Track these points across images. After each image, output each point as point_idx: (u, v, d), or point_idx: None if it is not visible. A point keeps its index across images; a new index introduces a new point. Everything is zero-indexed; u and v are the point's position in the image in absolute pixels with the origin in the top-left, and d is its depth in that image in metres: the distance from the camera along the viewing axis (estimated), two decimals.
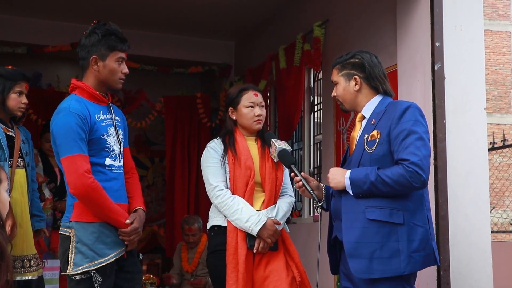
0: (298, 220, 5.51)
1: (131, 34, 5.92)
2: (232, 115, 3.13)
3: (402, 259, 2.45)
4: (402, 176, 2.43)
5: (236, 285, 2.87)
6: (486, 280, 3.43)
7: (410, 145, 2.45)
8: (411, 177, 2.42)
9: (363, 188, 2.50)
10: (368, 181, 2.48)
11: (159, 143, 7.91)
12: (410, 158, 2.43)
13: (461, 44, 3.58)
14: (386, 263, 2.46)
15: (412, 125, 2.49)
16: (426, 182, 2.47)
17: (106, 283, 2.61)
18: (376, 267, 2.47)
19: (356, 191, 2.54)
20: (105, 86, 2.76)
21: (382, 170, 2.48)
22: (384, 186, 2.46)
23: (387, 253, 2.46)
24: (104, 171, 2.68)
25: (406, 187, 2.45)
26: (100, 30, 2.70)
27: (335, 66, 2.75)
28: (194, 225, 5.34)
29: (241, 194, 2.98)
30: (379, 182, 2.46)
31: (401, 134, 2.48)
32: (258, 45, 6.48)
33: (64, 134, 2.58)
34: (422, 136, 2.48)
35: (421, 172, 2.43)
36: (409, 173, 2.42)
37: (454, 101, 3.51)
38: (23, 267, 3.31)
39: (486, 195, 3.54)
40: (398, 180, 2.43)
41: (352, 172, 2.55)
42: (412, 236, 2.48)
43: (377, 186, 2.47)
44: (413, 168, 2.42)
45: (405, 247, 2.46)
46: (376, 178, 2.46)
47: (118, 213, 2.65)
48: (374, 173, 2.47)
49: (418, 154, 2.44)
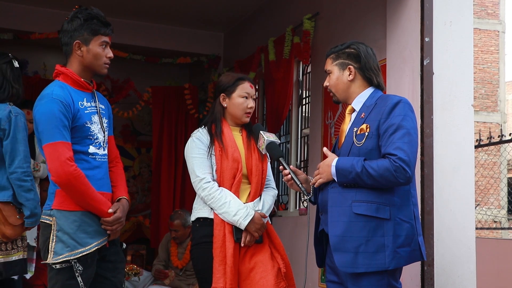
0: (284, 213, 5.51)
1: (119, 23, 5.89)
2: (223, 102, 3.08)
3: (387, 254, 2.45)
4: (387, 170, 2.42)
5: (223, 278, 2.85)
6: (469, 276, 3.45)
7: (398, 140, 2.45)
8: (397, 172, 2.42)
9: (348, 177, 2.50)
10: (354, 172, 2.48)
11: (146, 133, 7.87)
12: (397, 153, 2.43)
13: (450, 40, 3.57)
14: (371, 257, 2.46)
15: (401, 120, 2.49)
16: (411, 178, 2.47)
17: (87, 273, 2.58)
18: (361, 262, 2.47)
19: (341, 180, 2.53)
20: (90, 72, 2.71)
21: (368, 162, 2.48)
22: (369, 178, 2.45)
23: (373, 247, 2.46)
24: (87, 159, 2.64)
25: (391, 181, 2.45)
26: (82, 14, 2.66)
27: (330, 56, 2.73)
28: (175, 221, 5.22)
29: (228, 186, 2.95)
30: (364, 174, 2.46)
31: (390, 129, 2.48)
32: (247, 37, 6.45)
33: (46, 121, 2.54)
34: (410, 132, 2.48)
35: (407, 168, 2.42)
36: (395, 168, 2.42)
37: (442, 96, 3.51)
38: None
39: (472, 191, 3.56)
40: (384, 174, 2.43)
41: (339, 160, 2.55)
42: (398, 232, 2.48)
43: (362, 178, 2.47)
44: (399, 163, 2.42)
45: (391, 242, 2.46)
46: (361, 170, 2.46)
47: (100, 202, 2.62)
48: (360, 164, 2.47)
49: (405, 150, 2.43)
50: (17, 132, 3.27)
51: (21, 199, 3.26)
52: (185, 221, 5.22)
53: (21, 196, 3.26)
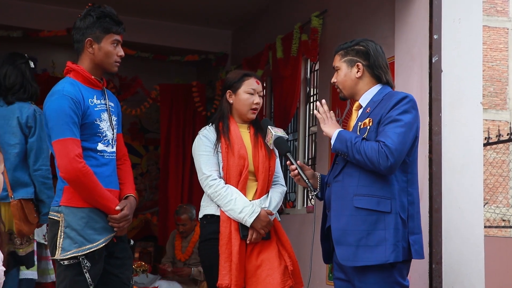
0: (291, 211, 5.51)
1: (128, 20, 5.86)
2: (229, 98, 3.09)
3: (387, 247, 2.46)
4: (374, 150, 2.46)
5: (229, 275, 2.86)
6: (477, 274, 3.43)
7: (390, 130, 2.48)
8: (381, 157, 2.44)
9: (342, 146, 2.55)
10: (349, 142, 2.52)
11: (153, 131, 7.88)
12: (385, 140, 2.46)
13: (459, 38, 3.56)
14: (372, 251, 2.47)
15: (399, 114, 2.51)
16: (393, 168, 2.48)
17: (95, 269, 2.59)
18: (362, 255, 2.48)
19: (336, 145, 2.58)
20: (100, 70, 2.73)
21: (365, 141, 2.51)
22: (358, 153, 2.50)
23: (374, 241, 2.47)
24: (96, 156, 2.65)
25: (374, 164, 2.47)
26: (95, 12, 2.68)
27: (338, 52, 2.73)
28: (183, 215, 5.32)
29: (234, 183, 2.95)
30: (356, 148, 2.50)
31: (386, 120, 2.51)
32: (255, 34, 6.44)
33: (56, 117, 2.55)
34: (404, 125, 2.49)
35: (390, 156, 2.44)
36: (379, 153, 2.45)
37: (450, 94, 3.49)
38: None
39: (480, 189, 3.54)
40: (370, 154, 2.46)
41: (344, 130, 2.61)
42: (398, 225, 2.49)
43: (353, 151, 2.51)
44: (384, 150, 2.44)
45: (392, 235, 2.47)
46: (356, 143, 2.51)
47: (108, 199, 2.63)
48: (359, 140, 2.52)
49: (393, 139, 2.46)
50: (41, 130, 3.39)
51: (42, 196, 3.35)
52: (191, 214, 5.34)
53: (43, 193, 3.35)
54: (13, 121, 3.40)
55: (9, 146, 3.37)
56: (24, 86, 3.50)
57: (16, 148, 3.38)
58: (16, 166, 3.38)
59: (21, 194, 3.36)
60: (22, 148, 3.40)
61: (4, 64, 3.54)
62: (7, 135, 3.39)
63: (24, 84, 3.47)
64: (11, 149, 3.37)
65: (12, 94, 3.47)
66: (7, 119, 3.42)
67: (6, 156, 3.28)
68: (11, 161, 3.35)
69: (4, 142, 3.36)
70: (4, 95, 3.49)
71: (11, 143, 3.38)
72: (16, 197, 3.34)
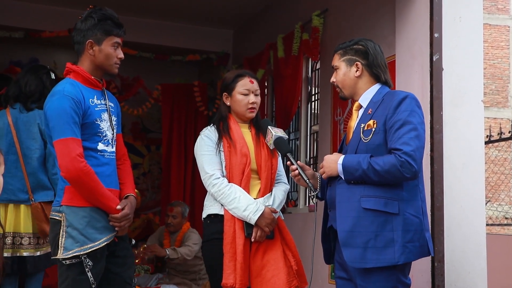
0: (293, 210, 5.51)
1: (129, 20, 5.90)
2: (226, 101, 3.09)
3: (396, 249, 2.45)
4: (393, 166, 2.42)
5: (234, 274, 2.85)
6: (480, 272, 3.43)
7: (404, 135, 2.44)
8: (403, 167, 2.41)
9: (355, 175, 2.50)
10: (360, 169, 2.48)
11: (155, 131, 7.89)
12: (403, 148, 2.42)
13: (460, 36, 3.56)
14: (380, 252, 2.45)
15: (408, 115, 2.48)
16: (417, 173, 2.46)
17: (97, 268, 2.60)
18: (370, 257, 2.46)
19: (348, 178, 2.53)
20: (100, 71, 2.74)
21: (374, 159, 2.47)
22: (375, 175, 2.45)
23: (382, 242, 2.46)
24: (96, 156, 2.66)
25: (397, 177, 2.44)
26: (97, 14, 2.69)
27: (337, 51, 2.73)
28: (176, 207, 5.32)
29: (237, 182, 2.95)
30: (371, 171, 2.45)
31: (396, 124, 2.48)
32: (256, 34, 6.45)
33: (57, 117, 2.56)
34: (416, 127, 2.47)
35: (413, 163, 2.42)
36: (400, 163, 2.41)
37: (451, 92, 3.50)
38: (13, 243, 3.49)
39: (482, 187, 3.54)
40: (390, 170, 2.43)
41: (345, 158, 2.55)
42: (407, 226, 2.47)
43: (368, 175, 2.46)
44: (405, 158, 2.41)
45: (400, 236, 2.45)
46: (368, 167, 2.46)
47: (109, 199, 2.64)
48: (367, 161, 2.47)
49: (411, 144, 2.43)
50: None
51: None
52: (184, 210, 5.34)
53: None
54: (34, 127, 3.57)
55: (30, 151, 3.55)
56: (45, 95, 3.58)
57: (37, 153, 3.56)
58: (37, 170, 3.55)
59: (42, 197, 3.54)
60: (41, 152, 3.56)
61: (27, 73, 3.71)
62: (29, 140, 3.56)
63: (44, 93, 3.55)
64: (32, 154, 3.55)
65: (32, 102, 3.63)
66: (29, 125, 3.58)
67: (27, 161, 3.53)
68: (32, 165, 3.54)
69: (25, 147, 3.54)
70: (24, 102, 3.64)
71: (32, 148, 3.56)
72: (36, 200, 3.52)
